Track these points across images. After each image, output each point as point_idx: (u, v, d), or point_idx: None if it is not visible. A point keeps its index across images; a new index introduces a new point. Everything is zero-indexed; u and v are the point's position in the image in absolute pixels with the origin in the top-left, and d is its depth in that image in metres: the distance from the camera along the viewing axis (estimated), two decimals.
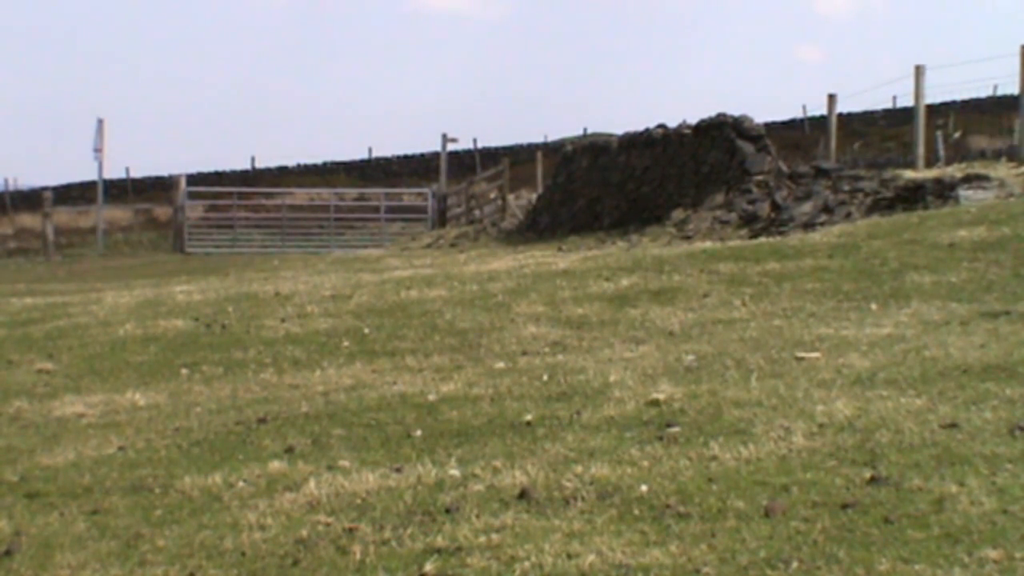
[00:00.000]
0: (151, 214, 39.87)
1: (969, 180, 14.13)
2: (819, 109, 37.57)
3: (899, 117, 38.14)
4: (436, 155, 38.29)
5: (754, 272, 10.56)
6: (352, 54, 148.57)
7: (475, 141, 49.12)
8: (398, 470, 5.11)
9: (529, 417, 5.91)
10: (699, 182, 17.46)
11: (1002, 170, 15.58)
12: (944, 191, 13.89)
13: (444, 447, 5.51)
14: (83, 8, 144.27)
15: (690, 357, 7.22)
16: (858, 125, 40.00)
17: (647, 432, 5.41)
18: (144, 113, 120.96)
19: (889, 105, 40.27)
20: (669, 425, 5.46)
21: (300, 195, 39.44)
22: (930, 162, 20.08)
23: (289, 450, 5.74)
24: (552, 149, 37.91)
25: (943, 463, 4.50)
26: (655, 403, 5.92)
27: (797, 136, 39.33)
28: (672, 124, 19.04)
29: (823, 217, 14.37)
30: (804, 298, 9.26)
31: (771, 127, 27.95)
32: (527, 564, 3.84)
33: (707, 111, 24.36)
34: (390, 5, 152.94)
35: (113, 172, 46.35)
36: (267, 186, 43.14)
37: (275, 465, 5.41)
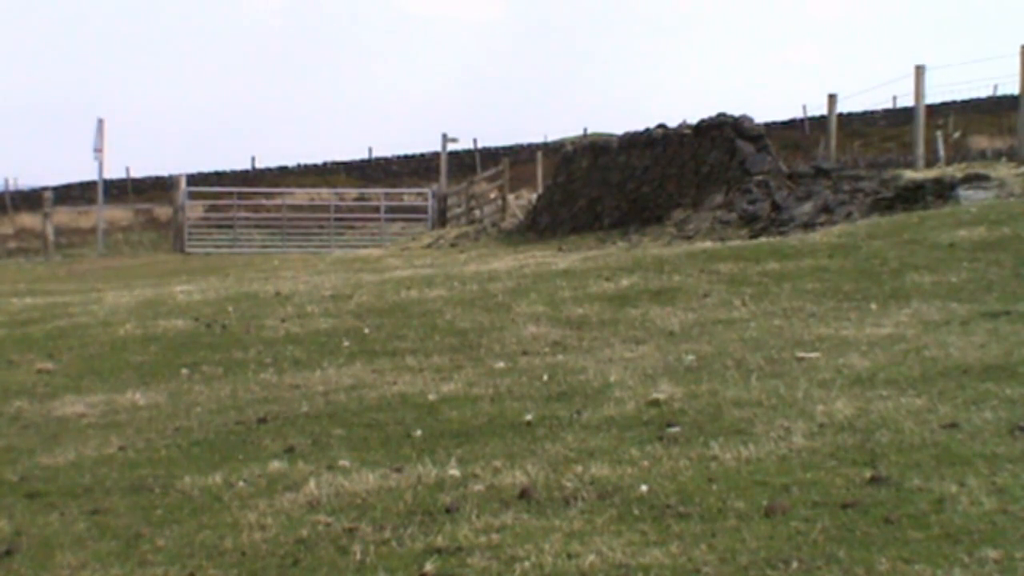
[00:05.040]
0: (151, 214, 39.88)
1: (969, 180, 14.12)
2: (819, 109, 37.64)
3: (899, 117, 38.18)
4: (436, 155, 38.32)
5: (754, 272, 10.55)
6: (352, 54, 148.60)
7: (475, 141, 49.18)
8: (398, 470, 5.11)
9: (529, 417, 5.92)
10: (699, 182, 17.46)
11: (1002, 170, 15.56)
12: (944, 191, 13.89)
13: (444, 447, 5.52)
14: (83, 8, 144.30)
15: (690, 357, 7.22)
16: (858, 125, 40.04)
17: (647, 432, 5.41)
18: (144, 113, 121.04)
19: (889, 105, 40.32)
20: (669, 425, 5.46)
21: (300, 195, 39.45)
22: (930, 162, 20.08)
23: (289, 450, 5.74)
24: (552, 149, 37.92)
25: (943, 463, 4.50)
26: (655, 403, 5.92)
27: (797, 136, 39.38)
28: (672, 124, 19.04)
29: (823, 217, 14.37)
30: (804, 298, 9.26)
31: (771, 127, 28.00)
32: (527, 564, 3.84)
33: (707, 111, 24.39)
34: (390, 5, 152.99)
35: (113, 172, 46.43)
36: (267, 186, 43.16)
37: (275, 465, 5.42)
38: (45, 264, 27.90)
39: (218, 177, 47.68)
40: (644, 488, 4.48)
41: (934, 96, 35.81)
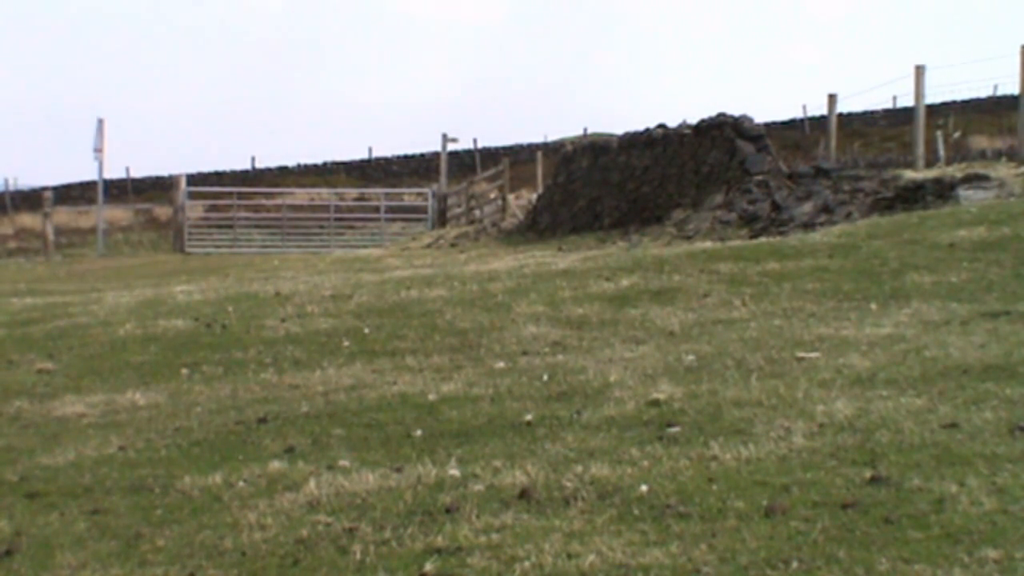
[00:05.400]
0: (151, 214, 39.88)
1: (969, 180, 14.12)
2: (819, 109, 37.69)
3: (899, 117, 38.19)
4: (436, 155, 38.32)
5: (754, 272, 10.55)
6: (352, 54, 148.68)
7: (475, 141, 49.19)
8: (398, 470, 5.11)
9: (529, 417, 5.92)
10: (699, 182, 17.46)
11: (1002, 170, 15.56)
12: (944, 191, 13.89)
13: (444, 447, 5.52)
14: (83, 8, 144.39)
15: (690, 357, 7.22)
16: (858, 125, 40.02)
17: (647, 432, 5.41)
18: (144, 113, 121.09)
19: (889, 105, 40.34)
20: (669, 425, 5.47)
21: (300, 195, 39.44)
22: (930, 162, 20.07)
23: (289, 450, 5.74)
24: (552, 149, 37.92)
25: (943, 463, 4.50)
26: (655, 403, 5.92)
27: (797, 136, 39.35)
28: (672, 124, 19.05)
29: (823, 217, 14.37)
30: (804, 298, 9.26)
31: (771, 127, 27.99)
32: (527, 564, 3.84)
33: (707, 111, 24.39)
34: (390, 5, 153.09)
35: (113, 172, 46.40)
36: (267, 186, 43.16)
37: (275, 465, 5.42)
38: (45, 264, 27.89)
39: (218, 177, 47.67)
40: (644, 488, 4.48)
41: (934, 96, 35.86)
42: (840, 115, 25.87)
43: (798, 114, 45.54)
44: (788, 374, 6.43)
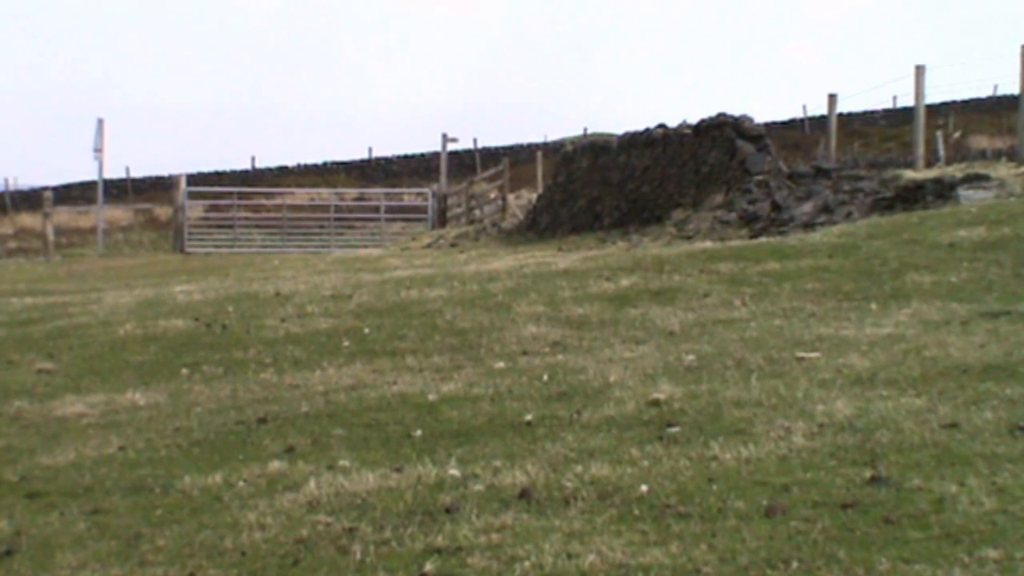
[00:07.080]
0: (151, 214, 39.88)
1: (969, 180, 14.13)
2: (819, 109, 37.68)
3: (899, 117, 38.18)
4: (436, 155, 38.32)
5: (754, 272, 10.55)
6: (352, 54, 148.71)
7: (475, 141, 49.19)
8: (398, 470, 5.11)
9: (529, 417, 5.92)
10: (699, 182, 17.46)
11: (1002, 170, 15.57)
12: (944, 191, 13.89)
13: (444, 447, 5.52)
14: (83, 7, 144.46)
15: (690, 357, 7.22)
16: (858, 125, 40.00)
17: (647, 432, 5.41)
18: (144, 113, 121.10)
19: (889, 105, 40.35)
20: (669, 425, 5.47)
21: (300, 195, 39.43)
22: (930, 162, 20.07)
23: (289, 450, 5.74)
24: (552, 149, 37.93)
25: (943, 463, 4.50)
26: (655, 403, 5.92)
27: (797, 136, 39.32)
28: (672, 124, 19.05)
29: (823, 217, 14.37)
30: (804, 298, 9.26)
31: (771, 127, 27.98)
32: (527, 564, 3.84)
33: (707, 111, 24.40)
34: (390, 4, 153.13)
35: (113, 172, 46.41)
36: (267, 186, 43.16)
37: (275, 465, 5.42)
38: (45, 264, 27.87)
39: (218, 177, 47.66)
40: (644, 488, 4.48)
41: (934, 96, 35.80)
42: (840, 115, 25.89)
43: (798, 114, 45.58)
44: (788, 374, 6.43)
